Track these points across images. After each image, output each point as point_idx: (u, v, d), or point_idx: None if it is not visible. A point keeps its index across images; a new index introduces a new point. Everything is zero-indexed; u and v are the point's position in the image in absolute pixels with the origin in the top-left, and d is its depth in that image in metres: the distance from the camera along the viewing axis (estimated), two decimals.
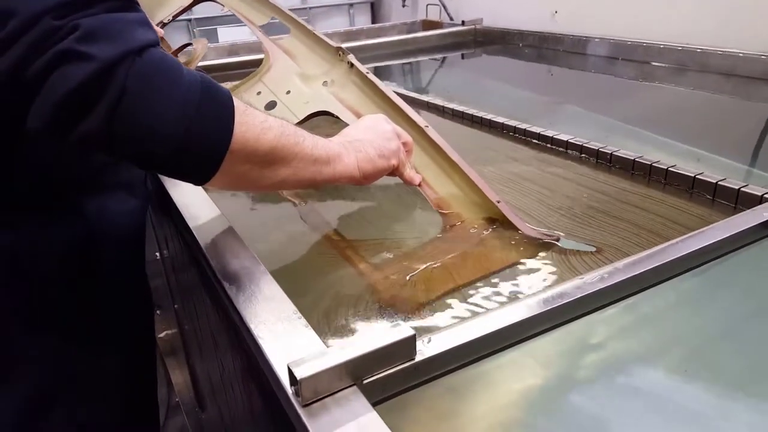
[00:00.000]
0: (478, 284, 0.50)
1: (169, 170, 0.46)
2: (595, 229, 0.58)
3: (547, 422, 0.36)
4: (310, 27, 0.92)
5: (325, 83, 0.82)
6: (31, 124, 0.40)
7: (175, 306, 1.00)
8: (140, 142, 0.42)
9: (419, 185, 0.62)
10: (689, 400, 0.37)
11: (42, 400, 0.55)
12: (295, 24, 0.94)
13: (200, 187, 0.63)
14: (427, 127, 0.68)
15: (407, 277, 0.51)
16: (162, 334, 1.29)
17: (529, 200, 0.65)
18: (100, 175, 0.59)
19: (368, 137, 0.59)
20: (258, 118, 0.48)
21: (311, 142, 0.52)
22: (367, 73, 0.77)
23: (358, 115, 0.73)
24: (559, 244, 0.55)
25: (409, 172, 0.61)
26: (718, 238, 0.48)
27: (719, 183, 0.61)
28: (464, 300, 0.48)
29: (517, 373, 0.39)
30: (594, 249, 0.54)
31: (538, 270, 0.51)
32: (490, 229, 0.58)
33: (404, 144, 0.62)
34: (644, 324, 0.44)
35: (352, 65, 0.80)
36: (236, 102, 0.46)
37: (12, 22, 0.38)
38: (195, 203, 0.59)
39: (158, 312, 1.22)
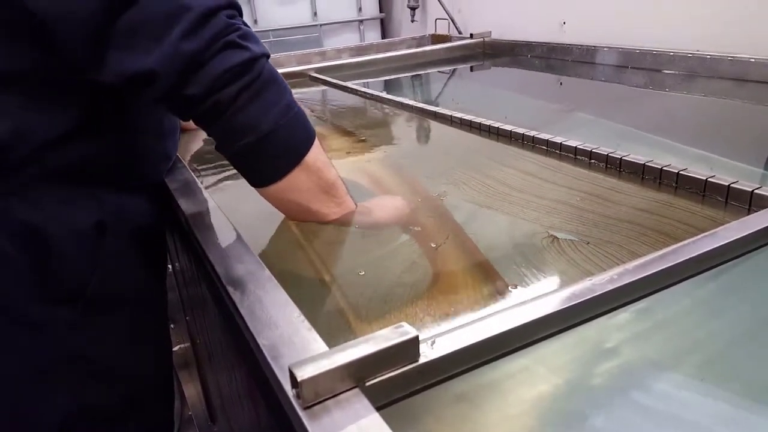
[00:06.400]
0: (480, 286, 0.49)
1: (252, 155, 0.56)
2: (603, 230, 0.57)
3: None
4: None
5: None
6: (189, 91, 0.52)
7: (187, 318, 1.01)
8: (247, 118, 0.54)
9: None
10: (706, 411, 0.35)
11: (43, 374, 0.56)
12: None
13: (208, 195, 0.64)
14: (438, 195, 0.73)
15: (410, 281, 0.51)
16: (176, 348, 1.29)
17: (537, 207, 0.64)
18: (127, 170, 0.62)
19: (389, 208, 0.68)
20: (327, 157, 0.61)
21: (353, 200, 0.64)
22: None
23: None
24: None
25: None
26: (733, 238, 0.47)
27: (732, 185, 0.59)
28: (468, 304, 0.47)
29: (528, 380, 0.38)
30: (597, 249, 0.53)
31: (549, 274, 0.50)
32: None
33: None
34: (658, 328, 0.42)
35: None
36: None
37: (188, 15, 0.50)
38: (202, 211, 0.60)
39: (172, 326, 1.23)
